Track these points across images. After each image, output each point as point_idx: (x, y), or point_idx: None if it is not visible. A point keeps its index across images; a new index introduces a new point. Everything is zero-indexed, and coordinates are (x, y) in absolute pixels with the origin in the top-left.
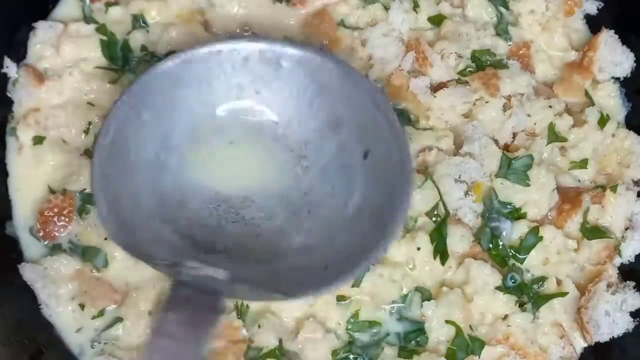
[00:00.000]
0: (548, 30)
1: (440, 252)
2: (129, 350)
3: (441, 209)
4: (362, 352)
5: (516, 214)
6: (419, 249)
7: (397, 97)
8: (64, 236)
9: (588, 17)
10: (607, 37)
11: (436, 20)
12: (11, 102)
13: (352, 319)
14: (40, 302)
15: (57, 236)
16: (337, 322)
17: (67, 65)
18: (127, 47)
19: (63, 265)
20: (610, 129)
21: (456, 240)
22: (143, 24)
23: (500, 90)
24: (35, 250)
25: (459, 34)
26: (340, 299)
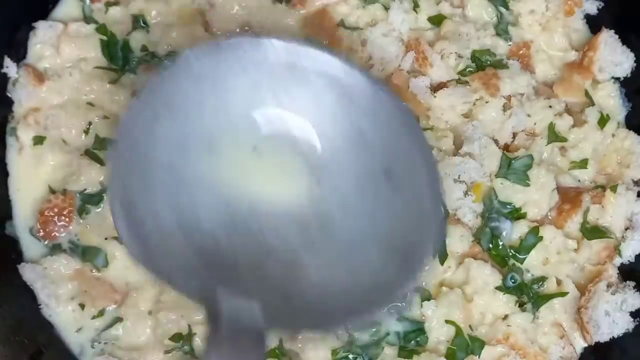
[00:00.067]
0: (548, 30)
1: (440, 252)
2: (129, 350)
3: None
4: (362, 352)
5: (516, 214)
6: None
7: None
8: (63, 236)
9: (588, 17)
10: (607, 37)
11: (436, 20)
12: (11, 102)
13: None
14: (40, 302)
15: (57, 236)
16: None
17: (67, 65)
18: (127, 47)
19: (63, 265)
20: (610, 129)
21: (456, 240)
22: (143, 24)
23: (500, 90)
24: (35, 250)
25: (459, 34)
26: None
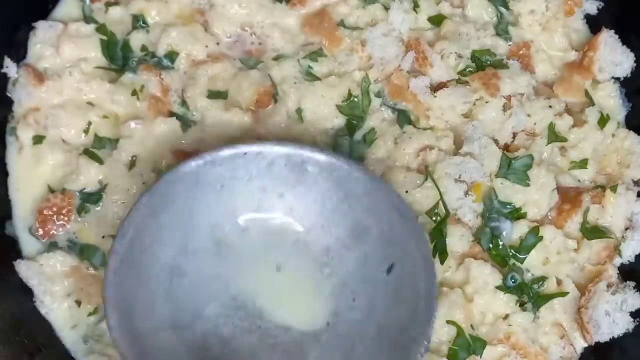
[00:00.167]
0: (548, 30)
1: (440, 251)
2: None
3: (441, 209)
4: None
5: (516, 214)
6: None
7: (397, 97)
8: (62, 235)
9: (588, 17)
10: (607, 37)
11: (436, 20)
12: (11, 102)
13: None
14: (36, 299)
15: (56, 234)
16: None
17: (67, 65)
18: (127, 47)
19: (59, 262)
20: (610, 129)
21: (456, 240)
22: (143, 24)
23: (500, 90)
24: (33, 248)
25: (459, 34)
26: None
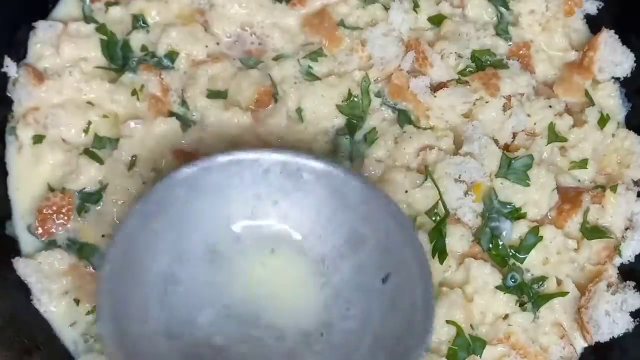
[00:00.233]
0: (548, 30)
1: (439, 251)
2: None
3: (441, 209)
4: None
5: (516, 214)
6: None
7: (397, 97)
8: (61, 234)
9: (588, 17)
10: (607, 37)
11: (436, 20)
12: (11, 101)
13: None
14: (34, 297)
15: (55, 233)
16: None
17: (67, 64)
18: (127, 47)
19: (57, 260)
20: (610, 129)
21: (456, 240)
22: (143, 24)
23: (500, 90)
24: (33, 247)
25: (459, 34)
26: None
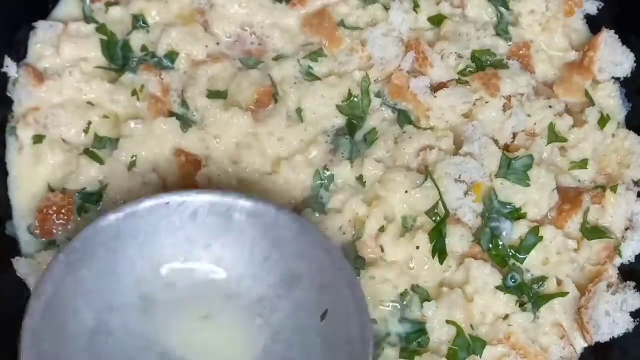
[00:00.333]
0: (548, 30)
1: (439, 251)
2: None
3: (441, 209)
4: None
5: (516, 214)
6: (417, 247)
7: (397, 97)
8: (61, 234)
9: (588, 17)
10: (607, 37)
11: (436, 20)
12: (11, 101)
13: None
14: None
15: (55, 233)
16: None
17: (67, 64)
18: (127, 47)
19: None
20: (610, 129)
21: (456, 240)
22: (143, 24)
23: (500, 90)
24: (32, 247)
25: (459, 34)
26: None
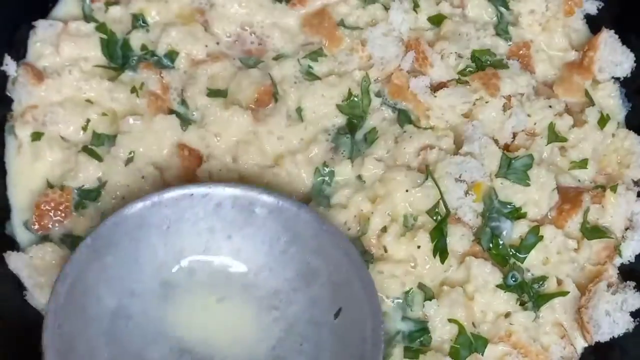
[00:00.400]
0: (548, 30)
1: (440, 250)
2: None
3: (441, 208)
4: None
5: (516, 214)
6: (419, 247)
7: (397, 97)
8: (57, 230)
9: (588, 17)
10: (607, 37)
11: (436, 20)
12: (11, 101)
13: None
14: (26, 291)
15: (51, 229)
16: None
17: (67, 63)
18: (127, 46)
19: (48, 253)
20: (610, 129)
21: (456, 239)
22: (143, 23)
23: (500, 90)
24: (28, 242)
25: (459, 34)
26: None
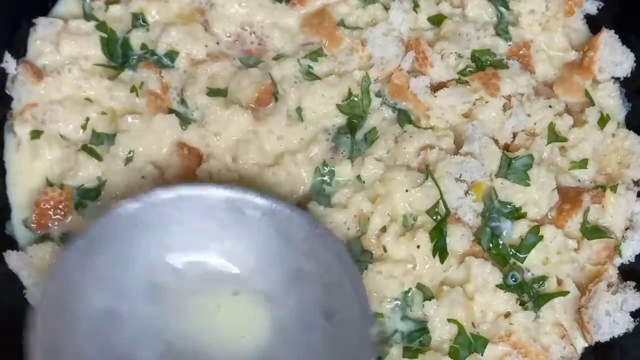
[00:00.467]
0: (548, 30)
1: (440, 250)
2: None
3: (441, 208)
4: None
5: (516, 214)
6: (418, 247)
7: (397, 97)
8: (56, 228)
9: (588, 17)
10: (607, 37)
11: (436, 20)
12: (10, 99)
13: None
14: (26, 290)
15: (51, 227)
16: None
17: (66, 62)
18: (127, 45)
19: (48, 252)
20: (610, 129)
21: (456, 239)
22: (143, 22)
23: (500, 90)
24: (27, 241)
25: (459, 34)
26: None
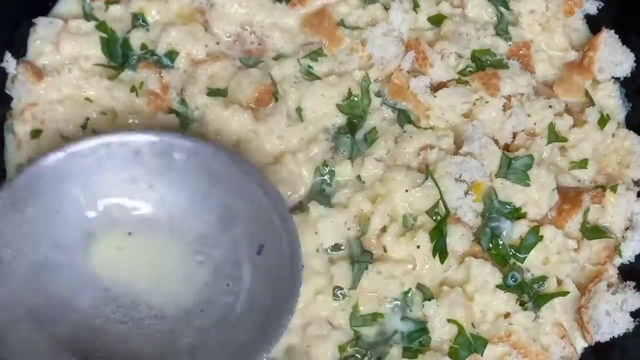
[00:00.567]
0: (548, 30)
1: (440, 250)
2: None
3: (441, 208)
4: (369, 349)
5: (516, 214)
6: (418, 247)
7: (397, 97)
8: None
9: (588, 17)
10: (607, 37)
11: (436, 20)
12: (10, 99)
13: (354, 313)
14: None
15: None
16: (342, 319)
17: (66, 62)
18: (127, 45)
19: None
20: (610, 129)
21: (456, 240)
22: (143, 22)
23: (500, 90)
24: None
25: (459, 34)
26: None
